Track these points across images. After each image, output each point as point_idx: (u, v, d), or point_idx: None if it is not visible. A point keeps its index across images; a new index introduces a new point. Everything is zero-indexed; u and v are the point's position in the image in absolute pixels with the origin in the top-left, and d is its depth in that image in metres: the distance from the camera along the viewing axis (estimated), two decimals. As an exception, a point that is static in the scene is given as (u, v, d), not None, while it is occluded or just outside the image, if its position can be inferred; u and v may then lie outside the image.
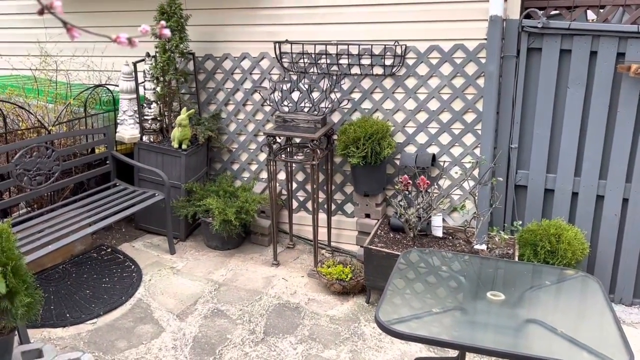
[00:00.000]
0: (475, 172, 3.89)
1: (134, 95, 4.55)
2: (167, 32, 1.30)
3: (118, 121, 4.63)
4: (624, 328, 2.13)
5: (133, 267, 4.14)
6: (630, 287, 3.81)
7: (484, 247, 3.68)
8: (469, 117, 3.99)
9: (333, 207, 4.50)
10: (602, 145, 3.68)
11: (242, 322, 3.53)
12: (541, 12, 3.73)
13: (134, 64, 4.47)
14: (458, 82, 3.97)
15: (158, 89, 4.50)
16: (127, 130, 4.57)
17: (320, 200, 4.42)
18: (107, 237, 4.62)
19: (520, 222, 3.84)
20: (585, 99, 3.66)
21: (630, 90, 3.53)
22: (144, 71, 4.54)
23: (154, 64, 4.45)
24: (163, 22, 1.34)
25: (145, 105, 4.59)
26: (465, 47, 3.89)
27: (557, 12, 4.04)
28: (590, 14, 4.26)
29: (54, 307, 3.60)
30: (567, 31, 3.57)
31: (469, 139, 4.03)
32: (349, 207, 4.50)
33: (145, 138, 4.61)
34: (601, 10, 3.91)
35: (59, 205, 4.19)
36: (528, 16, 3.72)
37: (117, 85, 4.63)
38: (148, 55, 4.49)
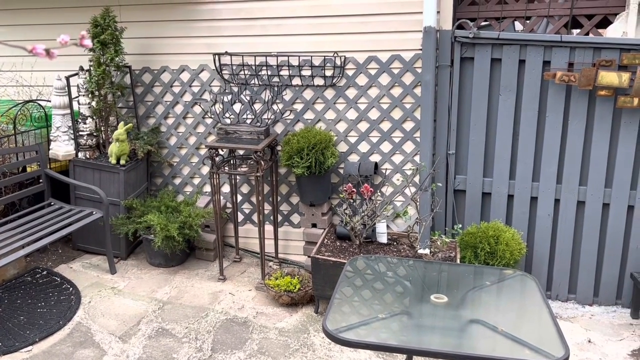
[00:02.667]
0: (416, 179, 3.99)
1: (68, 111, 4.38)
2: (88, 42, 1.26)
3: (51, 138, 4.44)
4: (560, 323, 2.24)
5: (71, 289, 3.96)
6: (565, 284, 3.99)
7: (427, 251, 3.76)
8: (408, 125, 4.09)
9: (279, 218, 4.48)
10: (534, 148, 3.86)
11: (189, 340, 3.44)
12: (472, 22, 3.89)
13: (67, 78, 4.31)
14: (396, 91, 4.06)
15: (93, 103, 4.35)
16: (62, 147, 4.39)
17: (266, 211, 4.39)
18: (43, 260, 4.40)
19: (461, 226, 3.96)
20: (516, 105, 3.83)
21: (556, 96, 3.73)
22: (77, 85, 4.38)
23: (88, 77, 4.30)
24: (84, 33, 1.29)
25: (80, 120, 4.43)
26: (402, 57, 3.99)
27: (487, 22, 4.23)
28: (518, 25, 4.49)
29: (-15, 336, 3.39)
30: (497, 41, 3.73)
31: (408, 147, 4.13)
32: (295, 218, 4.49)
33: (81, 154, 4.44)
34: (527, 21, 4.13)
35: (-12, 228, 3.96)
36: (460, 27, 3.87)
37: (50, 101, 4.44)
38: (82, 68, 4.34)
